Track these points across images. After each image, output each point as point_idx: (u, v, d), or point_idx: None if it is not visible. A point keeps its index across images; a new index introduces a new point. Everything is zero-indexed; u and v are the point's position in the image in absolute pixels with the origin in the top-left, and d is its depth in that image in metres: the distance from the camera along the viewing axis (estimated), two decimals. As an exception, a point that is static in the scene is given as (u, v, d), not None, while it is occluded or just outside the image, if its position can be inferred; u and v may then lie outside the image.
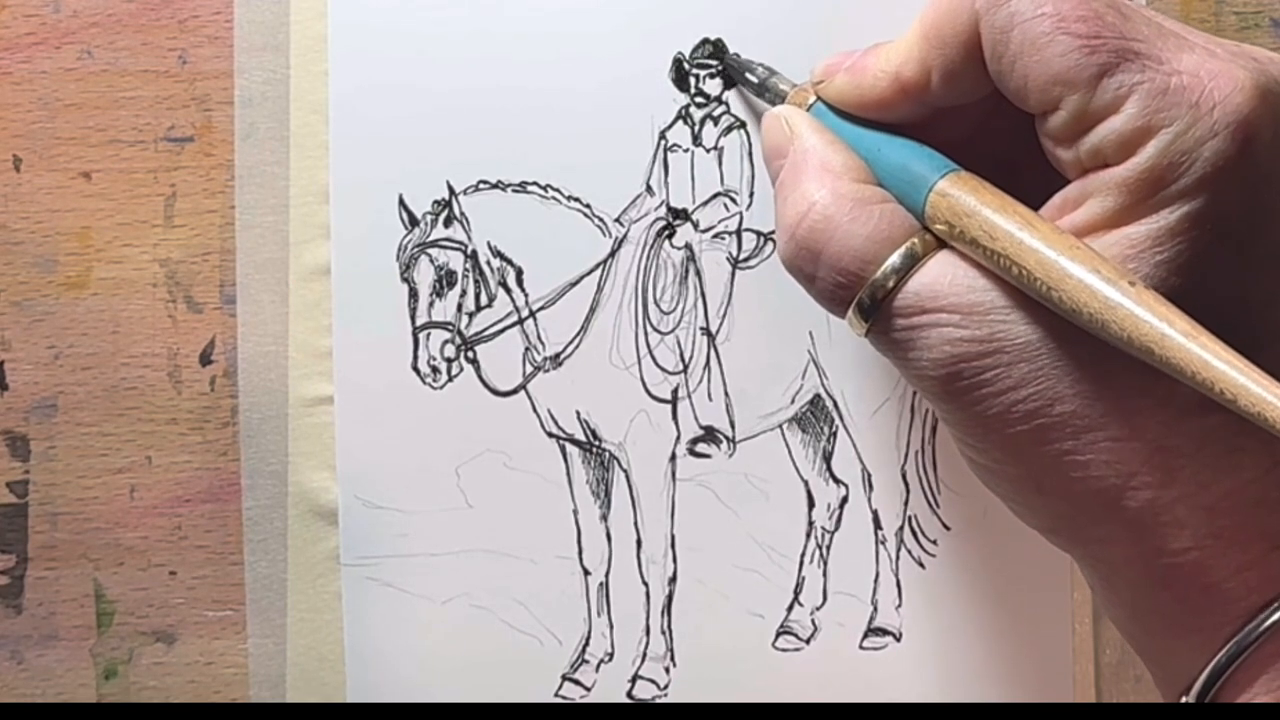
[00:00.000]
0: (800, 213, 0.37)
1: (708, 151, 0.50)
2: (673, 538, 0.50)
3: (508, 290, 0.50)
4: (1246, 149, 0.32)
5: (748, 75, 0.48)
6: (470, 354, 0.50)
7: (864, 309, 0.36)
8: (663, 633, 0.50)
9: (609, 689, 0.50)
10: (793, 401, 0.50)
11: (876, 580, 0.51)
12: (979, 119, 0.39)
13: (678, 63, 0.50)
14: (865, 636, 0.50)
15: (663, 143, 0.50)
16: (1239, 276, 0.33)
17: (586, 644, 0.50)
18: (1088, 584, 0.38)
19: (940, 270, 0.35)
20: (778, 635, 0.50)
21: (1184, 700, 0.34)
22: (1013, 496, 0.37)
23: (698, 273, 0.50)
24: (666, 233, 0.50)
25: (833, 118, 0.41)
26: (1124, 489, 0.33)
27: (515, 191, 0.50)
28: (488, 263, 0.50)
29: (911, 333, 0.35)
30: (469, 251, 0.50)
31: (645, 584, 0.50)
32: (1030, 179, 0.36)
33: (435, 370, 0.49)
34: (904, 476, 0.51)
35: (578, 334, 0.50)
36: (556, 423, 0.50)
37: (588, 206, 0.50)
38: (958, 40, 0.36)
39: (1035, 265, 0.32)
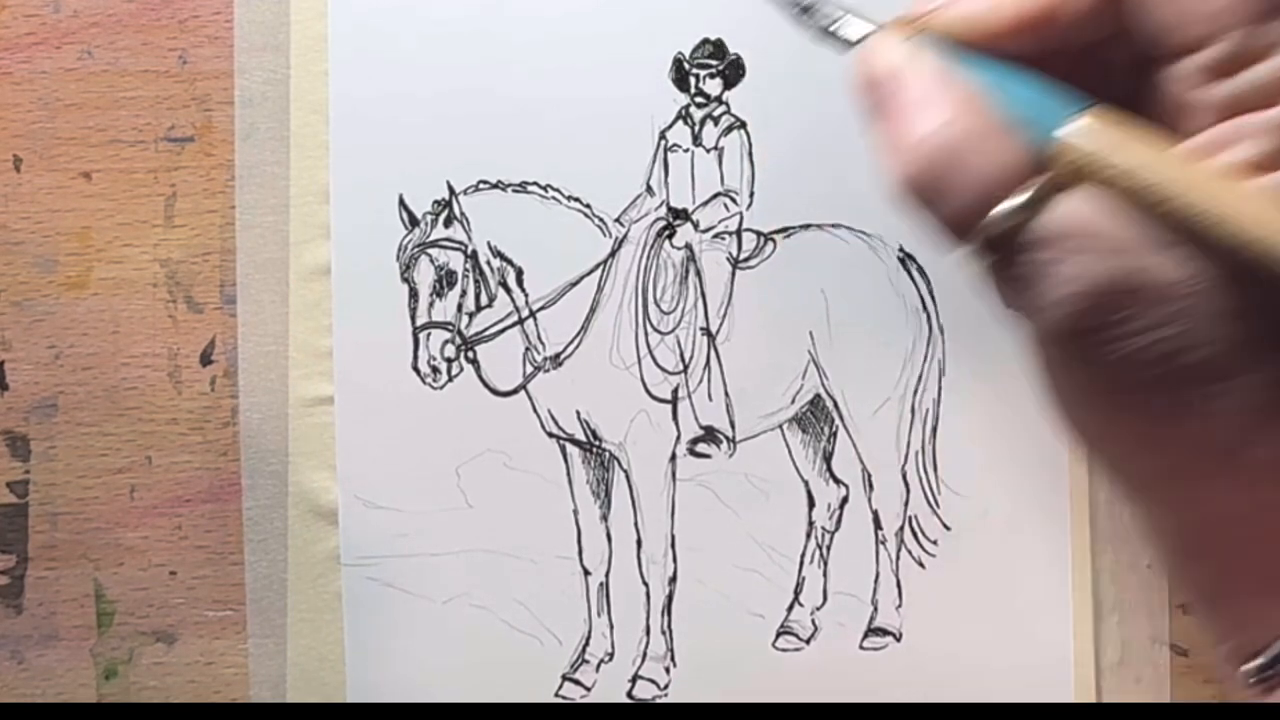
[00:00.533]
0: (930, 129, 0.35)
1: (708, 151, 0.50)
2: (673, 538, 0.50)
3: (508, 290, 0.50)
4: None
5: (817, 19, 0.41)
6: (470, 354, 0.50)
7: (994, 237, 0.34)
8: (663, 633, 0.50)
9: (609, 689, 0.50)
10: (793, 401, 0.50)
11: (876, 580, 0.51)
12: (1072, 68, 0.38)
13: (678, 63, 0.50)
14: (865, 636, 0.50)
15: (663, 143, 0.50)
16: None
17: (586, 644, 0.50)
18: (1154, 543, 0.37)
19: (1082, 202, 0.33)
20: (778, 635, 0.50)
21: (1247, 667, 0.33)
22: (1117, 450, 0.36)
23: (698, 273, 0.50)
24: (666, 233, 0.50)
25: (944, 53, 0.38)
26: (1246, 441, 0.32)
27: (515, 191, 0.50)
28: (488, 263, 0.50)
29: (1047, 265, 0.33)
30: (469, 251, 0.50)
31: (645, 584, 0.50)
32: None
33: (435, 370, 0.49)
34: (904, 476, 0.51)
35: (578, 334, 0.50)
36: (556, 423, 0.50)
37: (588, 206, 0.50)
38: None
39: (1198, 198, 0.31)
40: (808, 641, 0.50)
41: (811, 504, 0.50)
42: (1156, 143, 0.33)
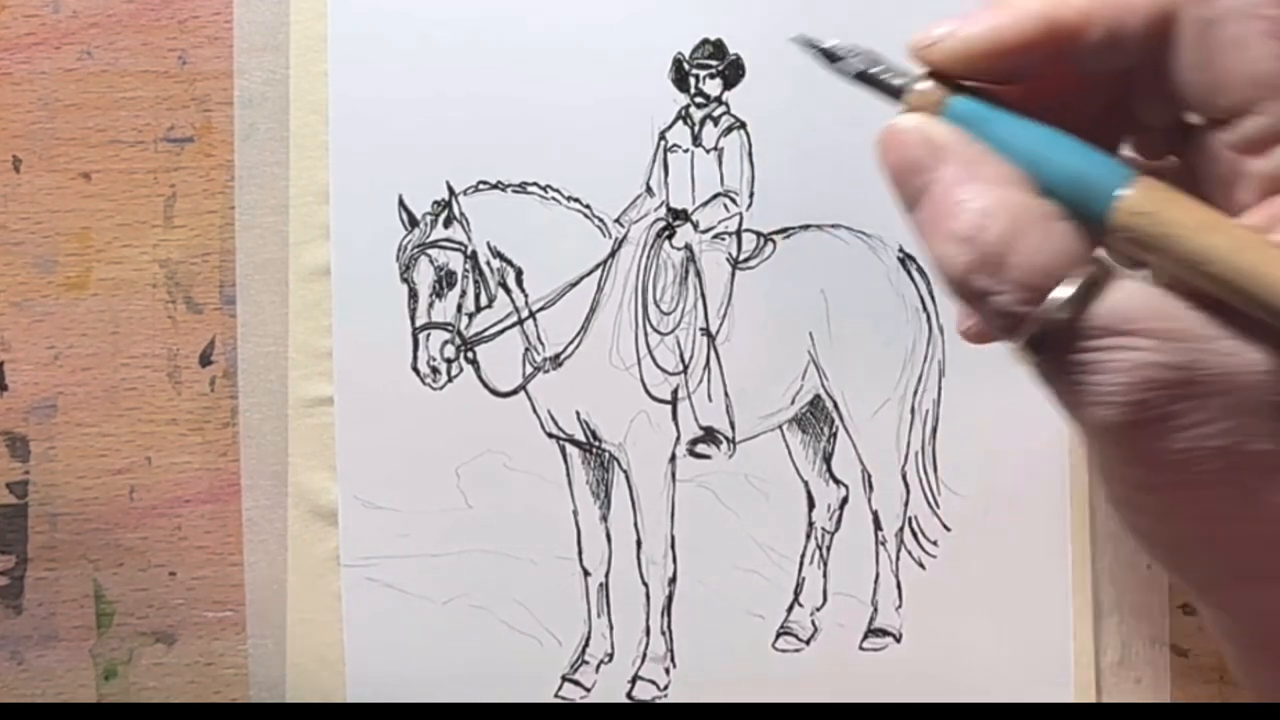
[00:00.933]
0: (980, 222, 0.33)
1: (708, 152, 0.50)
2: (673, 538, 0.50)
3: (508, 290, 0.50)
4: None
5: (842, 68, 0.39)
6: (470, 354, 0.50)
7: (1043, 332, 0.32)
8: (663, 633, 0.50)
9: (609, 689, 0.50)
10: (793, 402, 0.50)
11: (876, 581, 0.51)
12: (1108, 122, 0.37)
13: (678, 63, 0.50)
14: (865, 637, 0.50)
15: (663, 143, 0.50)
16: None
17: (586, 644, 0.50)
18: (1224, 646, 0.36)
19: (1133, 291, 0.32)
20: (778, 636, 0.50)
21: None
22: (1177, 547, 0.34)
23: (698, 273, 0.50)
24: (666, 233, 0.50)
25: (979, 124, 0.35)
26: None
27: (515, 192, 0.49)
28: (488, 263, 0.50)
29: (1098, 356, 0.32)
30: (469, 252, 0.50)
31: (645, 584, 0.50)
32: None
33: (435, 370, 0.49)
34: (904, 477, 0.51)
35: (578, 334, 0.50)
36: (556, 423, 0.50)
37: (588, 207, 0.50)
38: (1144, 7, 0.33)
39: (1258, 287, 0.30)
40: (808, 642, 0.50)
41: (811, 504, 0.50)
42: (1211, 217, 0.31)
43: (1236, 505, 0.32)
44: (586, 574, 0.50)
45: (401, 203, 0.49)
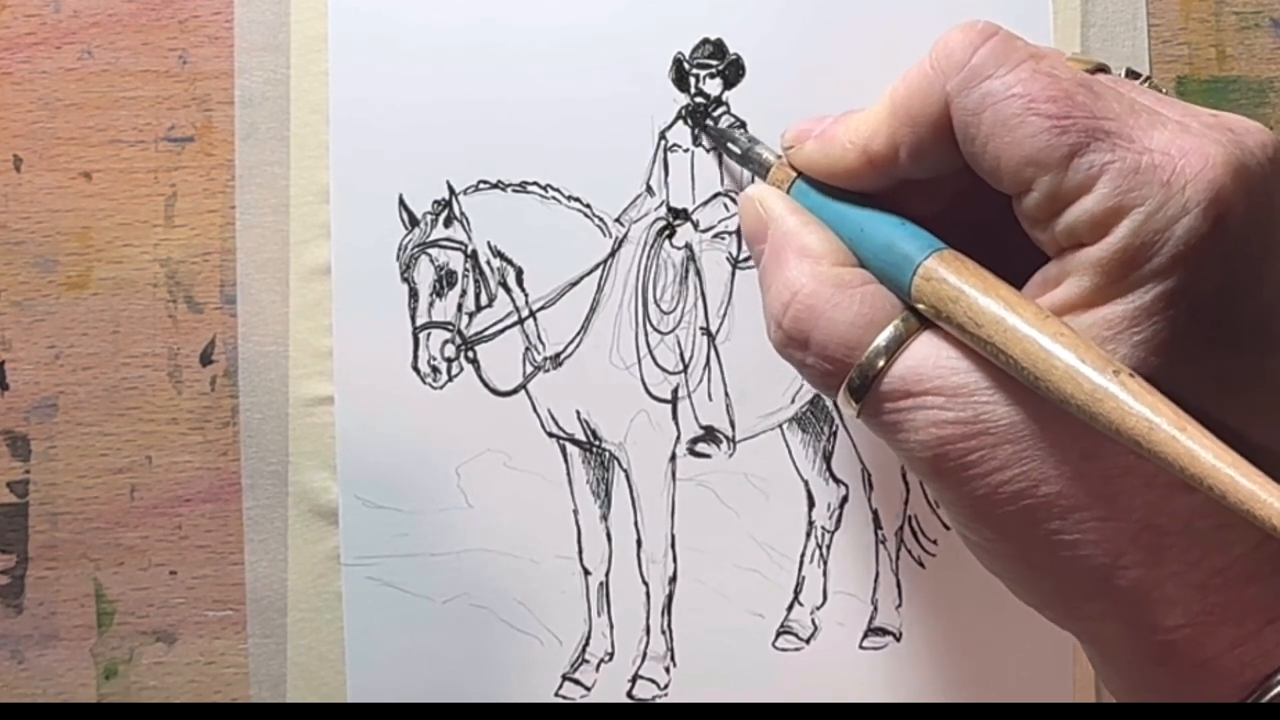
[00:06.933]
0: (784, 302, 0.38)
1: (708, 151, 0.50)
2: (673, 538, 0.50)
3: (508, 290, 0.50)
4: (1220, 225, 0.31)
5: (730, 145, 0.48)
6: (470, 354, 0.50)
7: (854, 392, 0.36)
8: (663, 632, 0.50)
9: (609, 689, 0.50)
10: (793, 401, 0.50)
11: (876, 580, 0.51)
12: (958, 188, 0.39)
13: (678, 63, 0.50)
14: (865, 636, 0.50)
15: (663, 143, 0.50)
16: (1218, 354, 0.33)
17: (586, 644, 0.50)
18: (1087, 659, 0.38)
19: (924, 352, 0.35)
20: (778, 635, 0.50)
21: None
22: (1006, 573, 0.37)
23: (698, 273, 0.50)
24: (666, 233, 0.50)
25: (813, 195, 0.40)
26: (1113, 567, 0.33)
27: (515, 191, 0.50)
28: (488, 263, 0.50)
29: (899, 415, 0.35)
30: (469, 251, 0.50)
31: (645, 584, 0.50)
32: (1013, 247, 0.36)
33: (435, 370, 0.49)
34: (904, 476, 0.51)
35: (578, 334, 0.50)
36: (556, 423, 0.50)
37: (588, 206, 0.50)
38: (928, 119, 0.36)
39: (1021, 355, 0.32)
40: (808, 641, 0.50)
41: (811, 504, 0.50)
42: (995, 287, 0.34)
43: (1041, 541, 0.34)
44: (587, 573, 0.50)
45: (402, 202, 0.49)
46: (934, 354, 0.35)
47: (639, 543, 0.50)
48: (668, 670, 0.50)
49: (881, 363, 0.35)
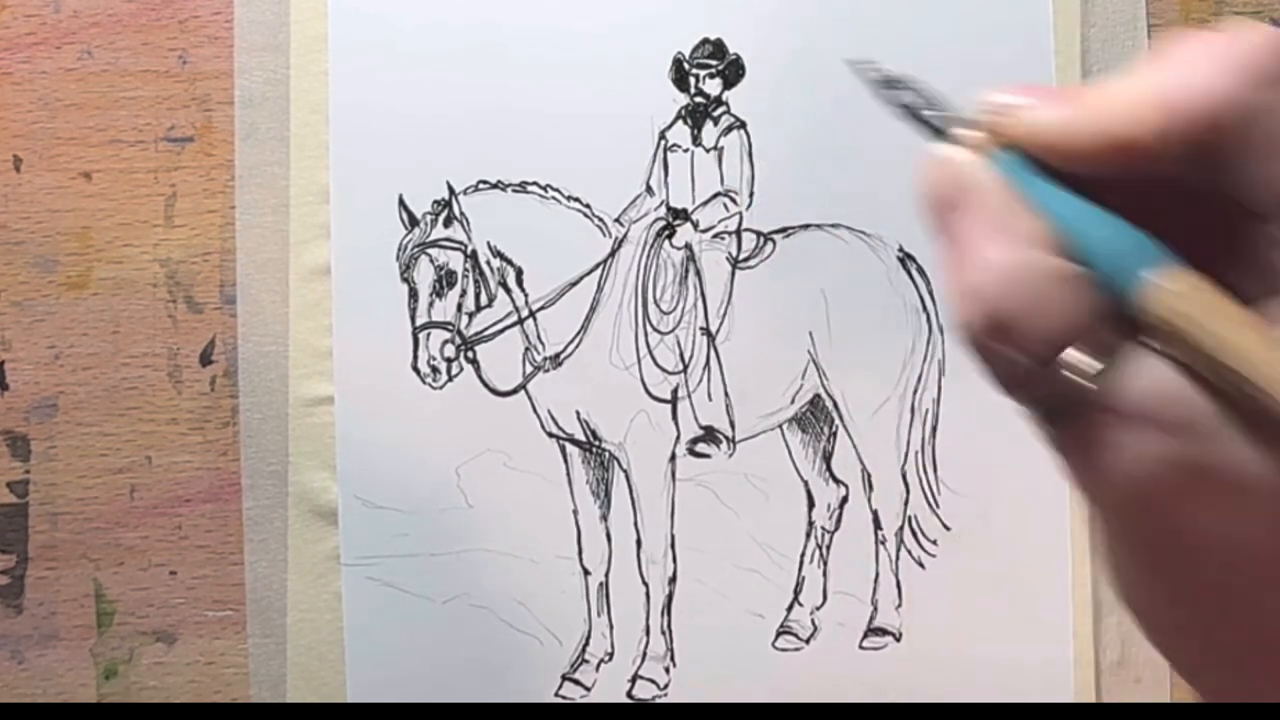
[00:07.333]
0: (996, 275, 0.31)
1: (708, 151, 0.50)
2: (673, 538, 0.50)
3: (508, 290, 0.50)
4: None
5: (899, 93, 0.40)
6: (470, 354, 0.50)
7: (1052, 403, 0.31)
8: (663, 633, 0.50)
9: (609, 689, 0.50)
10: (793, 401, 0.50)
11: (876, 580, 0.51)
12: (1142, 192, 0.36)
13: (678, 63, 0.50)
14: (865, 636, 0.50)
15: (663, 143, 0.50)
16: None
17: (586, 644, 0.50)
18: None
19: (1151, 374, 0.30)
20: (778, 635, 0.50)
21: None
22: (1170, 634, 0.33)
23: (698, 273, 0.50)
24: (666, 233, 0.50)
25: (1021, 172, 0.36)
26: None
27: (515, 191, 0.50)
28: (488, 263, 0.50)
29: (1106, 437, 0.31)
30: (469, 251, 0.50)
31: (645, 584, 0.50)
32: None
33: (435, 370, 0.49)
34: (904, 476, 0.51)
35: (578, 334, 0.50)
36: (556, 423, 0.50)
37: (588, 206, 0.50)
38: (1206, 120, 0.31)
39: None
40: (808, 641, 0.50)
41: (811, 504, 0.50)
42: (1242, 315, 0.30)
43: (1235, 603, 0.31)
44: (586, 573, 0.50)
45: (401, 202, 0.49)
46: (1162, 378, 0.31)
47: (639, 543, 0.50)
48: (667, 670, 0.50)
49: (1097, 374, 0.30)
